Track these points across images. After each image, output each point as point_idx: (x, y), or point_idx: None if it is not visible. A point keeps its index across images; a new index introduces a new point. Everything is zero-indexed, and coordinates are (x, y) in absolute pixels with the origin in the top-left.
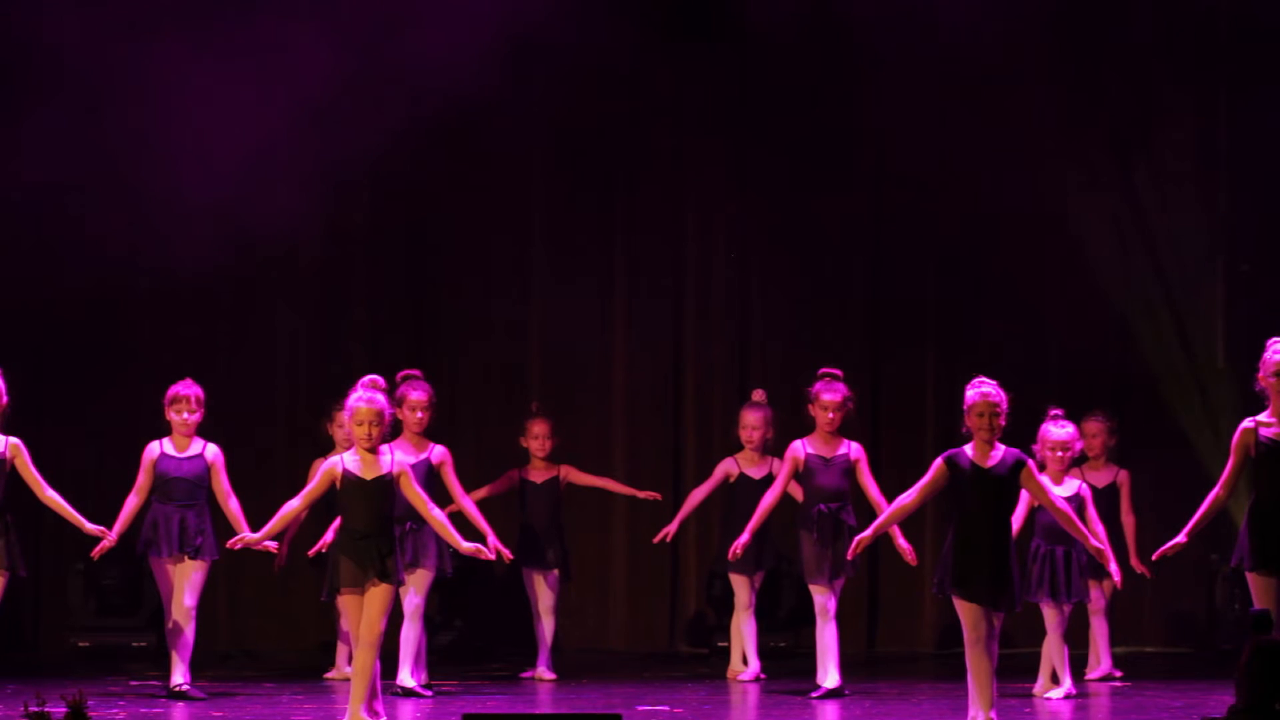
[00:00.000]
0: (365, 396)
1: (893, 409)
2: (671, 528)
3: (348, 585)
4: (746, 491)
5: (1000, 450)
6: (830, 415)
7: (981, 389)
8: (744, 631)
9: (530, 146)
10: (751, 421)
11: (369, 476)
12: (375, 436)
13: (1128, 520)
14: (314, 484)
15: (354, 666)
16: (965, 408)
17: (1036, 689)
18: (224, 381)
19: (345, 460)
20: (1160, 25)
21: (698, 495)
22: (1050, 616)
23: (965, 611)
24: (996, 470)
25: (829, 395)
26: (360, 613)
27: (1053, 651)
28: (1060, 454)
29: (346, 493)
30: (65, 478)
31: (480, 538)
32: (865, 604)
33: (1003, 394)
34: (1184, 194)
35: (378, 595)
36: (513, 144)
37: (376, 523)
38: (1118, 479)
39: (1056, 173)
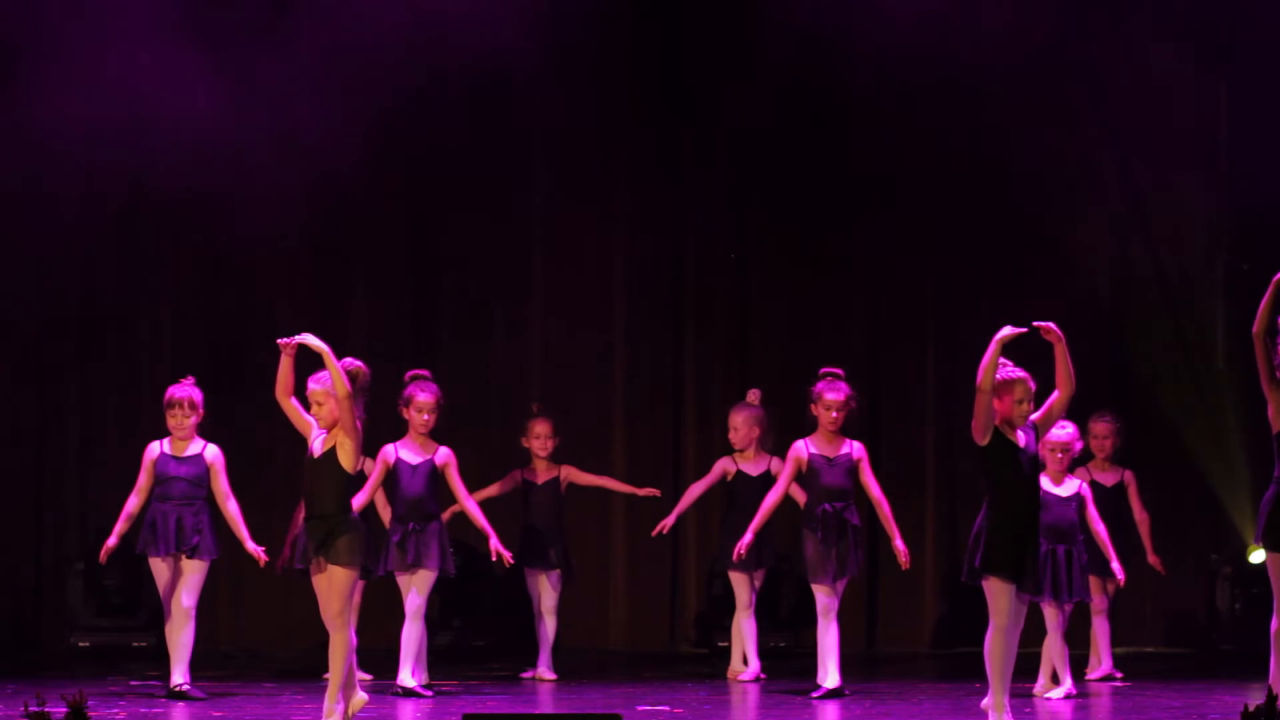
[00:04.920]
0: (318, 377)
1: (893, 408)
2: (669, 520)
3: (300, 563)
4: (745, 489)
5: (1023, 432)
6: (834, 415)
7: (1016, 371)
8: (744, 631)
9: (531, 144)
10: (733, 422)
11: (317, 454)
12: (325, 416)
13: (1141, 517)
14: None
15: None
16: (997, 386)
17: (1037, 689)
18: (224, 381)
19: (314, 444)
20: (1160, 24)
21: (696, 490)
22: (1051, 616)
23: (999, 594)
24: (1030, 449)
25: (832, 395)
26: (318, 595)
27: (1053, 651)
28: (1060, 455)
29: (304, 473)
30: (62, 481)
31: (483, 538)
32: (865, 604)
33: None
34: (1184, 194)
35: (323, 578)
36: (513, 142)
37: (320, 503)
38: (1124, 478)
39: (1056, 172)
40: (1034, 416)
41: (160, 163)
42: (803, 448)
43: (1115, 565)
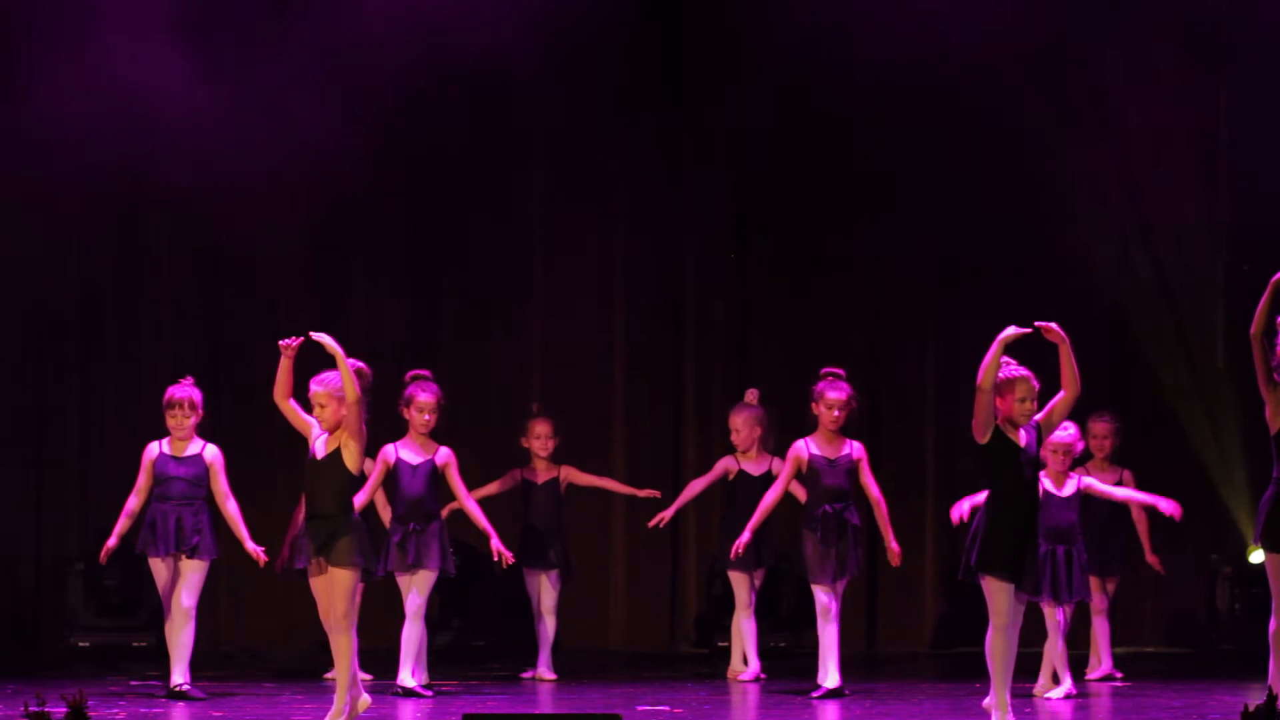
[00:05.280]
0: (320, 379)
1: (893, 408)
2: (667, 513)
3: (300, 564)
4: (746, 489)
5: (1025, 432)
6: (835, 414)
7: (1019, 370)
8: (744, 631)
9: (531, 144)
10: (734, 424)
11: (320, 456)
12: (328, 418)
13: (1140, 516)
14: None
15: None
16: (1000, 385)
17: (1037, 689)
18: (224, 382)
19: (315, 445)
20: (1160, 24)
21: (697, 486)
22: (1051, 616)
23: (997, 593)
24: (1030, 449)
25: (834, 394)
26: (318, 595)
27: (1053, 651)
28: (1061, 455)
29: (305, 474)
30: (62, 481)
31: (484, 538)
32: (865, 604)
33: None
34: (1184, 194)
35: (324, 579)
36: (513, 142)
37: (321, 504)
38: (1122, 478)
39: (1056, 172)
40: (1037, 417)
41: (160, 163)
42: (803, 448)
43: (1157, 503)
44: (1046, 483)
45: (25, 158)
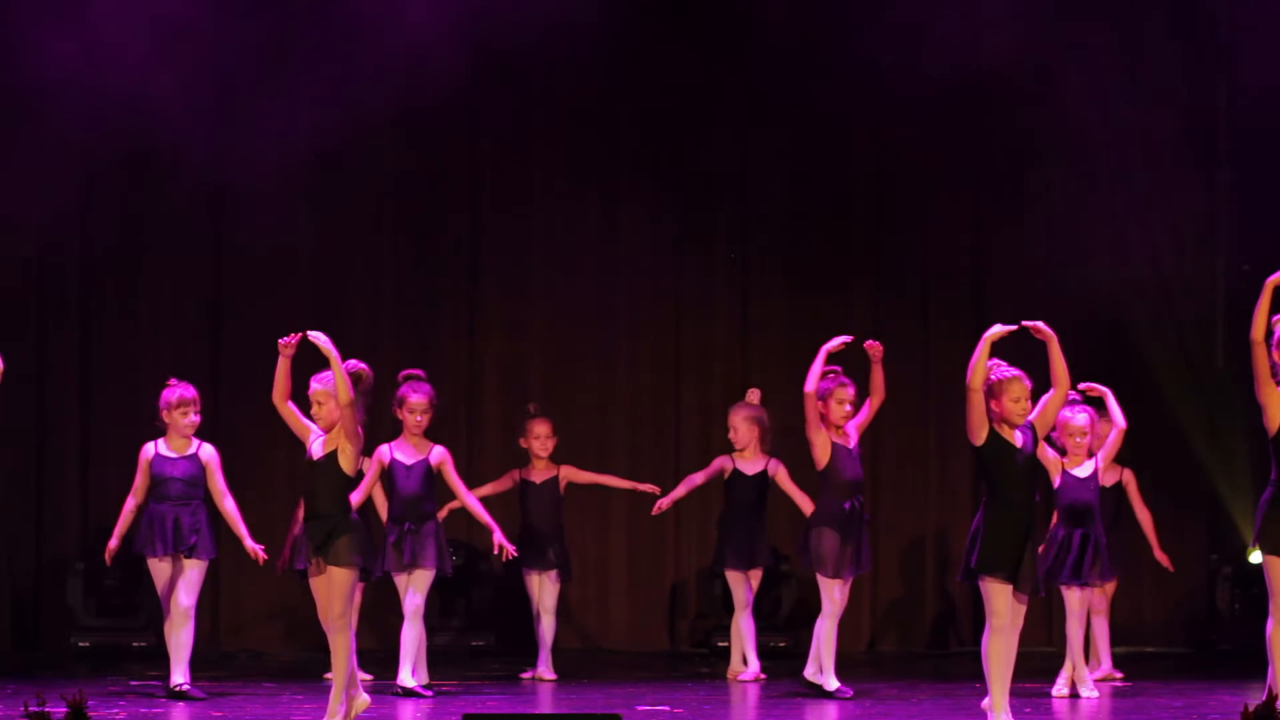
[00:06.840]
0: (320, 377)
1: (893, 409)
2: (666, 501)
3: (300, 564)
4: (742, 488)
5: (1021, 432)
6: (848, 408)
7: (1011, 371)
8: (743, 631)
9: (530, 145)
10: (732, 422)
11: (316, 457)
12: (325, 416)
13: (1144, 515)
14: None
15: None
16: (992, 386)
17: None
18: (224, 381)
19: (312, 446)
20: (1160, 24)
21: (695, 479)
22: (1071, 601)
23: (995, 594)
24: (1027, 449)
25: (847, 389)
26: (317, 595)
27: (1069, 638)
28: (1079, 439)
29: (303, 475)
30: (62, 481)
31: (484, 536)
32: (865, 603)
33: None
34: (1184, 194)
35: (322, 579)
36: (512, 142)
37: (319, 504)
38: (1122, 478)
39: (1055, 172)
40: (1030, 416)
41: (162, 163)
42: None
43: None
44: (1052, 455)
45: (26, 158)
